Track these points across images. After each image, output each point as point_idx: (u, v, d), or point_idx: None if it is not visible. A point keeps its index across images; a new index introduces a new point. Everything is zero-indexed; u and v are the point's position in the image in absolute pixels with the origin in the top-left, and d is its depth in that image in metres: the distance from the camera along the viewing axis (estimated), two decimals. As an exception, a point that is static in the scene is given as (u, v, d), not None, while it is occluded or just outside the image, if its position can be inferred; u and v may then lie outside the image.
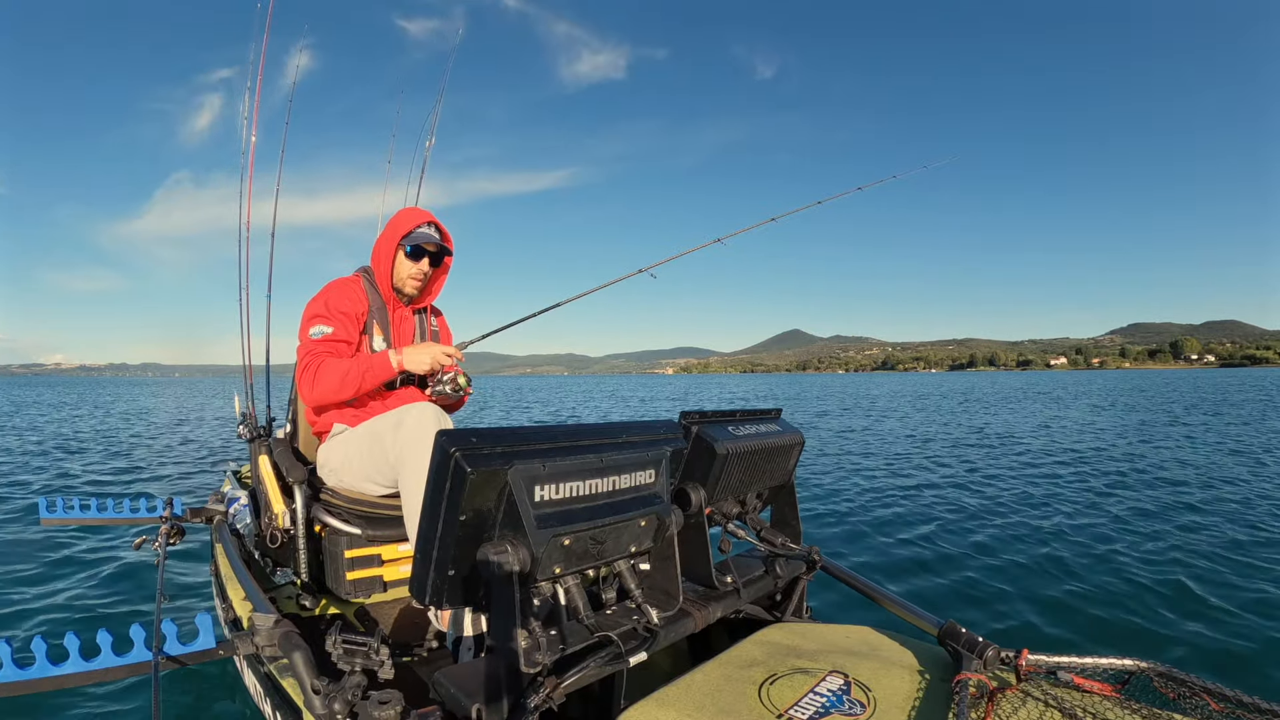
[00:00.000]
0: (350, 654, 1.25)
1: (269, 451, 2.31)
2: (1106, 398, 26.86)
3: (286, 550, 2.12)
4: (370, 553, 2.03)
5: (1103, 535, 4.99)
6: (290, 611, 1.93)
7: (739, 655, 1.48)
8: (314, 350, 2.04)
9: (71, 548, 4.43)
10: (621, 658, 1.30)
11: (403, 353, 2.05)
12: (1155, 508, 5.94)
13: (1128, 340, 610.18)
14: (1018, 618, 3.45)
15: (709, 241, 2.86)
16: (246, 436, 2.55)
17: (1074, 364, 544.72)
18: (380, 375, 2.04)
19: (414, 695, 1.25)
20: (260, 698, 1.64)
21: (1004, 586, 3.90)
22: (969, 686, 1.27)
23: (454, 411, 2.30)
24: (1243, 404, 20.93)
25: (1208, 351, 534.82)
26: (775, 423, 1.97)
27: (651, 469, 1.44)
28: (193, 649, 1.42)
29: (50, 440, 11.68)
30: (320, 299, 2.14)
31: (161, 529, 2.35)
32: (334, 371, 2.00)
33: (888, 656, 1.50)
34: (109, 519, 2.88)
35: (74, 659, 1.33)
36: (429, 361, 2.06)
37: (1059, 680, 1.35)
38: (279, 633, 1.43)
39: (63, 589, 3.74)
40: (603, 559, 1.36)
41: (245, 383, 2.78)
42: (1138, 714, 1.22)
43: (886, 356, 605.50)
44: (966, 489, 7.01)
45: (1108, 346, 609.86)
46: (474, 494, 1.15)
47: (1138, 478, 7.49)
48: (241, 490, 2.54)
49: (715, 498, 1.74)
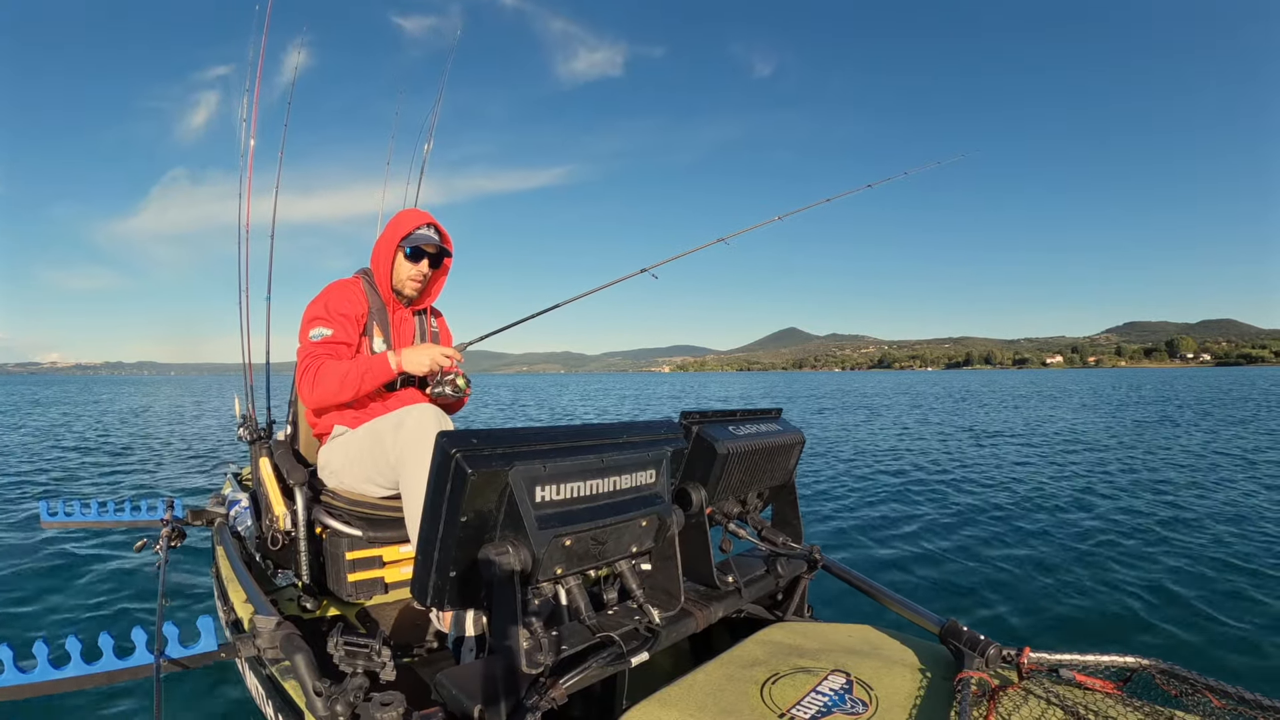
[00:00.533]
0: (352, 656, 1.25)
1: (269, 453, 2.31)
2: (1105, 397, 26.87)
3: (287, 552, 2.12)
4: (371, 554, 2.03)
5: (1100, 536, 5.00)
6: (292, 613, 1.93)
7: (741, 655, 1.48)
8: (314, 352, 2.04)
9: (72, 551, 4.43)
10: (623, 658, 1.30)
11: (401, 354, 2.05)
12: (1150, 508, 5.95)
13: (1123, 339, 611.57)
14: (1018, 616, 3.45)
15: (712, 241, 2.83)
16: (247, 439, 2.55)
17: (1070, 362, 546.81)
18: (379, 377, 2.04)
19: (416, 697, 1.25)
20: (262, 700, 1.64)
21: (1005, 584, 3.90)
22: (971, 685, 1.27)
23: (454, 412, 2.30)
24: (1242, 403, 20.94)
25: (1203, 350, 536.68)
26: (775, 422, 1.97)
27: (652, 469, 1.44)
28: (194, 651, 1.42)
29: (49, 441, 11.68)
30: (320, 301, 2.14)
31: (162, 531, 2.34)
32: (333, 374, 2.00)
33: (889, 655, 1.50)
34: (110, 522, 2.88)
35: (76, 662, 1.33)
36: (428, 363, 2.06)
37: (1061, 678, 1.35)
38: (280, 635, 1.42)
39: (64, 592, 3.74)
40: (604, 559, 1.36)
41: (245, 384, 2.78)
42: (1140, 711, 1.22)
43: (883, 355, 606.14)
44: (964, 490, 7.02)
45: (1104, 345, 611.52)
46: (475, 495, 1.15)
47: (1134, 478, 7.50)
48: (242, 492, 2.54)
49: (716, 497, 1.74)
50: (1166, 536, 4.85)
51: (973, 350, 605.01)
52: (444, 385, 2.13)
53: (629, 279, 2.74)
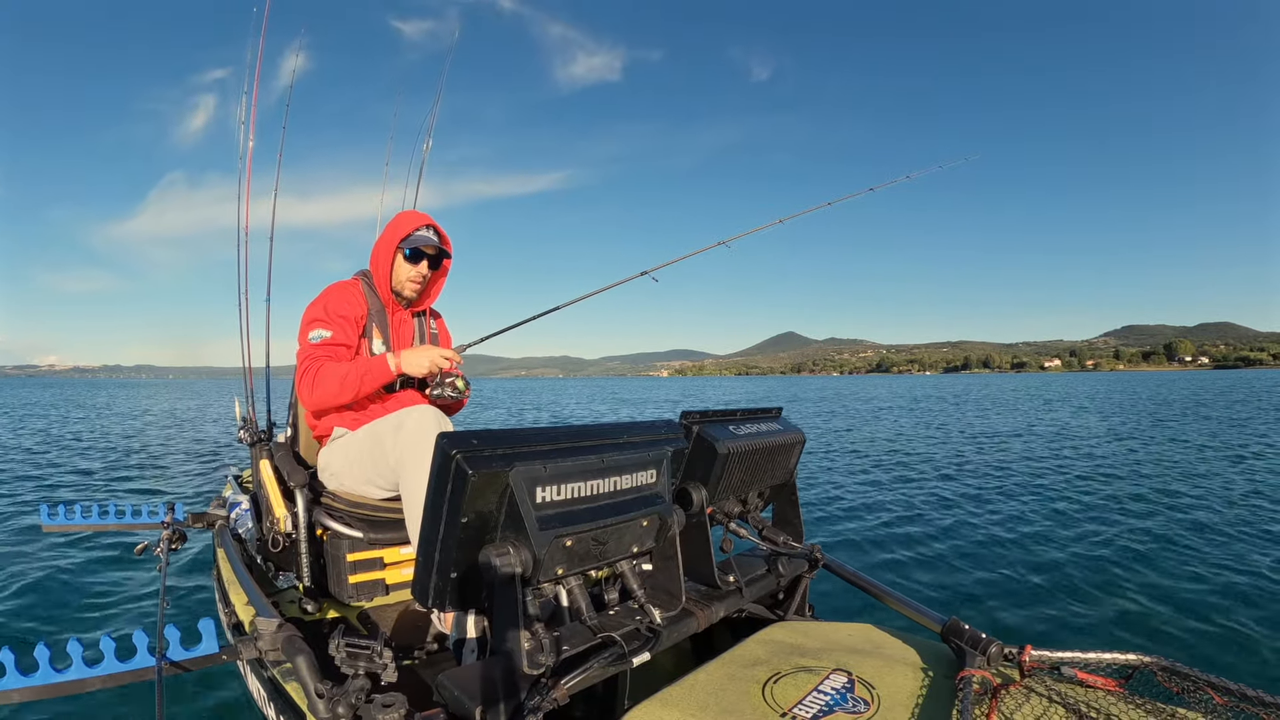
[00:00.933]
0: (353, 657, 1.25)
1: (270, 456, 2.31)
2: (1114, 402, 26.88)
3: (288, 554, 2.12)
4: (372, 556, 2.03)
5: (1102, 535, 5.00)
6: (293, 615, 1.93)
7: (742, 654, 1.48)
8: (313, 354, 2.04)
9: (73, 554, 4.43)
10: (624, 658, 1.30)
11: (401, 356, 2.05)
12: (1152, 509, 5.95)
13: (1121, 342, 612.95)
14: (1020, 614, 3.45)
15: (713, 244, 2.83)
16: (248, 441, 2.55)
17: (1068, 366, 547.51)
18: (379, 378, 2.03)
19: (417, 698, 1.25)
20: (264, 702, 1.64)
21: (1006, 582, 3.90)
22: (973, 683, 1.27)
23: (453, 414, 2.30)
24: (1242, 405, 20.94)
25: (1201, 353, 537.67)
26: (776, 421, 1.97)
27: (653, 469, 1.44)
28: (196, 654, 1.42)
29: (50, 444, 11.68)
30: (319, 303, 2.14)
31: (163, 534, 2.34)
32: (333, 375, 2.00)
33: (891, 654, 1.50)
34: (110, 525, 2.88)
35: (77, 665, 1.33)
36: (427, 364, 2.06)
37: (1062, 676, 1.34)
38: (282, 637, 1.42)
39: (65, 595, 3.74)
40: (605, 560, 1.36)
41: (245, 387, 2.78)
42: (1141, 709, 1.22)
43: (881, 359, 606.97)
44: (964, 489, 7.01)
45: (1102, 349, 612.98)
46: (475, 496, 1.15)
47: (1136, 479, 7.50)
48: (243, 495, 2.54)
49: (717, 497, 1.74)
50: (1167, 535, 4.85)
51: (970, 354, 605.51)
52: (444, 387, 2.13)
53: (628, 281, 2.74)
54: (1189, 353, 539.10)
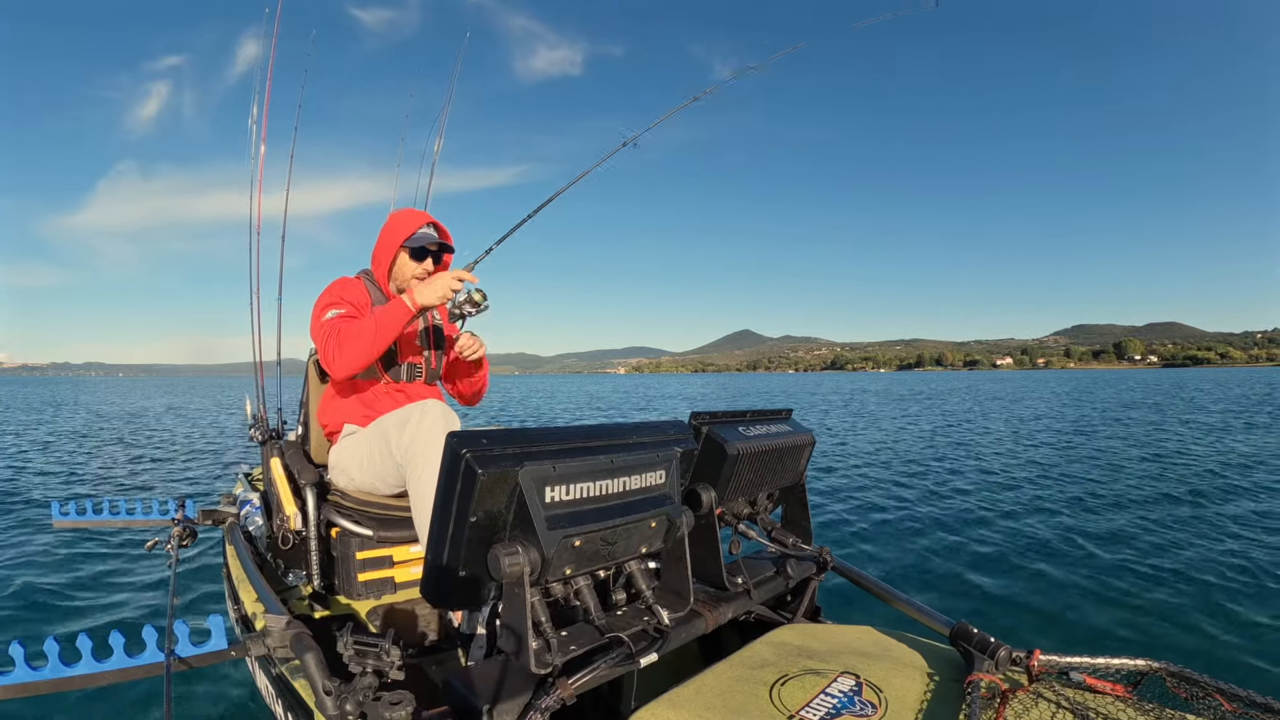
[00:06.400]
0: (361, 655, 1.25)
1: (280, 454, 2.33)
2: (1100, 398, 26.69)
3: (298, 552, 2.13)
4: (381, 554, 2.04)
5: (1107, 538, 4.96)
6: (302, 613, 1.94)
7: (750, 656, 1.48)
8: (331, 323, 2.01)
9: (84, 550, 4.47)
10: (632, 658, 1.30)
11: (414, 290, 1.99)
12: (1156, 510, 5.90)
13: (1072, 341, 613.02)
14: (1028, 618, 3.43)
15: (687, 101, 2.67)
16: (258, 439, 2.56)
17: (1020, 364, 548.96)
18: (399, 319, 1.97)
19: (425, 696, 1.26)
20: (272, 699, 1.65)
21: (1014, 585, 3.88)
22: (980, 687, 1.27)
23: (472, 396, 2.33)
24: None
25: (1150, 352, 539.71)
26: (786, 423, 1.96)
27: (662, 470, 1.44)
28: (205, 650, 1.43)
29: (62, 442, 11.78)
30: (329, 291, 2.15)
31: (173, 531, 2.36)
32: (354, 331, 1.96)
33: (899, 657, 1.50)
34: (121, 521, 2.90)
35: (87, 660, 1.34)
36: (442, 291, 1.98)
37: (1071, 681, 1.34)
38: (291, 634, 1.43)
39: (75, 591, 3.77)
40: (613, 560, 1.36)
41: (256, 386, 2.80)
42: (1150, 715, 1.21)
43: (835, 356, 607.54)
44: (971, 491, 6.98)
45: (1052, 347, 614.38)
46: (484, 495, 1.15)
47: (1139, 481, 7.45)
48: (253, 493, 2.56)
49: (726, 498, 1.74)
50: (1178, 539, 4.81)
51: (924, 352, 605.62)
52: (462, 306, 2.08)
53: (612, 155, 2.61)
54: (1138, 351, 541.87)
